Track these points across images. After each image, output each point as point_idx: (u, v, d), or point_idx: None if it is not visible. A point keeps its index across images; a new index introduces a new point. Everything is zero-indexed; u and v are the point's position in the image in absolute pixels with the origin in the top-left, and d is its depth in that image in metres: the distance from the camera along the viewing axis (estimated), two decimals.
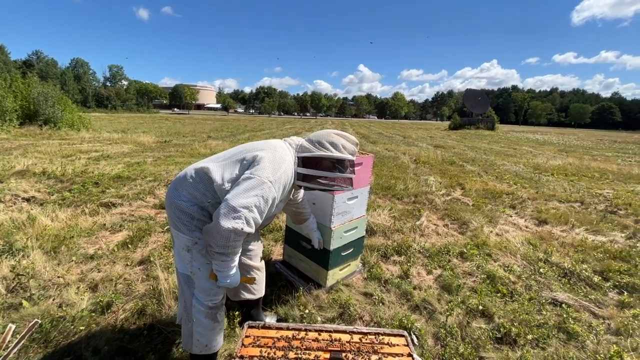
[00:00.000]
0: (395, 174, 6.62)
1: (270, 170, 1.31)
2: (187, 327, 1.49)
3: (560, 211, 4.65)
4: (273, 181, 1.30)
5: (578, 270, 2.85)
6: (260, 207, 1.26)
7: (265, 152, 1.38)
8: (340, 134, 1.51)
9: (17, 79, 14.00)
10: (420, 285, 2.54)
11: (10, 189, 4.35)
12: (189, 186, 1.42)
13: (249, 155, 1.39)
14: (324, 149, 1.45)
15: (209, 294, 1.45)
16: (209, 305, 1.46)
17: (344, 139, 1.49)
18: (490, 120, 33.43)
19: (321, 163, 1.46)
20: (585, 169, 8.83)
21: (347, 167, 1.48)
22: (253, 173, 1.29)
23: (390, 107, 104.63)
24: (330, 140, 1.47)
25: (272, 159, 1.35)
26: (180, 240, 1.44)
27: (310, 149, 1.47)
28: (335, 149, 1.45)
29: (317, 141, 1.48)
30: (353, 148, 1.51)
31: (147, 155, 7.94)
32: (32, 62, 56.56)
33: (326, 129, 1.56)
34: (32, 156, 6.89)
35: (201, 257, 1.42)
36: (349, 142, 1.50)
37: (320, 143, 1.47)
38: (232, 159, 1.42)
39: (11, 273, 2.32)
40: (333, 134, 1.50)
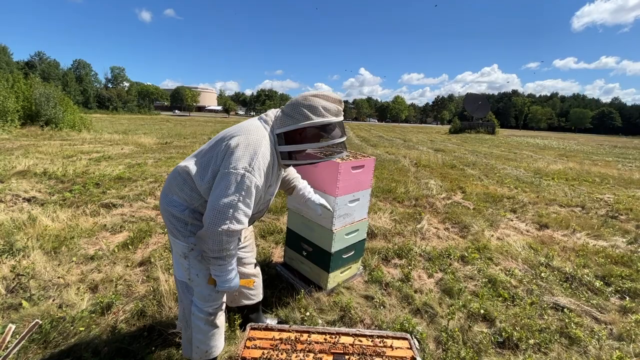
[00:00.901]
0: (396, 177, 6.62)
1: (246, 159, 1.19)
2: (187, 334, 1.47)
3: (561, 215, 4.64)
4: (252, 170, 1.19)
5: (580, 275, 2.84)
6: (246, 201, 1.19)
7: (238, 138, 1.24)
8: (318, 94, 1.28)
9: (19, 80, 14.04)
10: (422, 289, 2.53)
11: (11, 189, 4.35)
12: (177, 189, 1.37)
13: (223, 144, 1.27)
14: (303, 118, 1.24)
15: (207, 300, 1.42)
16: (209, 311, 1.43)
17: (323, 100, 1.26)
18: (490, 124, 33.46)
19: (304, 134, 1.28)
20: (586, 173, 8.83)
21: (334, 130, 1.29)
22: (229, 167, 1.18)
23: (391, 110, 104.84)
24: (308, 104, 1.25)
25: (245, 146, 1.21)
26: (176, 247, 1.41)
27: (287, 122, 1.27)
28: (316, 114, 1.24)
29: (293, 110, 1.27)
30: (336, 107, 1.29)
31: (147, 157, 7.94)
32: (34, 63, 56.78)
33: (302, 94, 1.32)
34: (33, 156, 6.90)
35: (198, 263, 1.38)
36: (330, 102, 1.27)
37: (297, 112, 1.26)
38: (208, 153, 1.32)
39: (11, 273, 2.31)
40: (309, 96, 1.27)
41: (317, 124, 1.24)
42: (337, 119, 1.27)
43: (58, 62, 59.14)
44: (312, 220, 2.32)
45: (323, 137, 1.27)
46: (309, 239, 2.37)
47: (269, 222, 3.76)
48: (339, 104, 1.30)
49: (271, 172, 1.30)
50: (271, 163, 1.28)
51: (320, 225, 2.26)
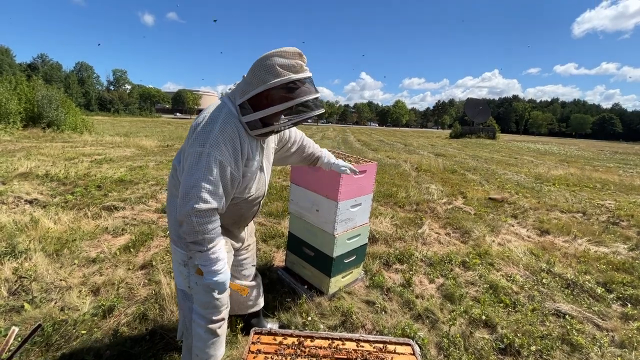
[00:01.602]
0: (396, 182, 6.63)
1: (203, 136, 1.14)
2: (187, 342, 1.46)
3: (563, 221, 4.64)
4: (209, 146, 1.13)
5: (581, 281, 2.84)
6: (208, 178, 1.13)
7: (197, 119, 1.22)
8: (274, 52, 1.17)
9: (22, 82, 14.12)
10: (423, 294, 2.53)
11: (13, 190, 4.36)
12: (173, 189, 1.36)
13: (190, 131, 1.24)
14: (260, 82, 1.15)
15: (207, 308, 1.39)
16: (210, 319, 1.40)
17: (279, 57, 1.16)
18: (491, 129, 33.53)
19: (269, 97, 1.18)
20: (587, 179, 8.83)
21: (300, 87, 1.17)
22: (189, 150, 1.16)
23: (392, 115, 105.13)
24: (263, 65, 1.16)
25: (203, 125, 1.17)
26: (176, 255, 1.40)
27: (246, 90, 1.19)
28: (274, 75, 1.14)
29: (251, 75, 1.19)
30: (295, 62, 1.17)
31: (149, 159, 7.97)
32: (37, 65, 57.17)
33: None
34: (35, 158, 6.92)
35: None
36: (286, 58, 1.16)
37: (254, 77, 1.17)
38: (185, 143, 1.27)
39: (13, 275, 2.32)
40: (264, 57, 1.17)
41: (276, 84, 1.14)
42: (298, 75, 1.16)
43: (60, 65, 59.66)
44: (314, 224, 2.33)
45: (286, 97, 1.16)
46: (311, 243, 2.38)
47: (270, 226, 3.76)
48: (298, 57, 1.18)
49: (240, 144, 1.21)
50: (236, 135, 1.19)
51: (322, 229, 2.27)
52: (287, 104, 1.16)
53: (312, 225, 2.35)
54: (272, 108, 1.16)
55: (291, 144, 1.69)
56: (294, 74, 1.15)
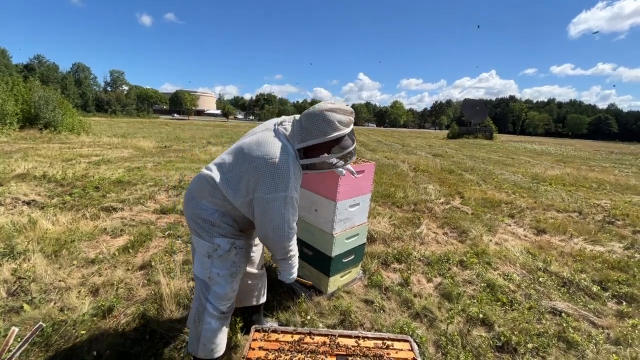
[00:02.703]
0: (394, 182, 6.65)
1: (283, 183, 1.32)
2: (196, 331, 1.50)
3: (559, 221, 4.68)
4: (290, 190, 1.34)
5: (577, 279, 2.87)
6: (293, 213, 1.39)
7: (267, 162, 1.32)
8: (334, 109, 1.36)
9: (18, 83, 14.06)
10: (421, 293, 2.55)
11: (10, 192, 4.35)
12: (207, 195, 1.44)
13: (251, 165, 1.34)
14: (321, 134, 1.34)
15: (223, 299, 1.48)
16: (223, 310, 1.50)
17: (337, 114, 1.35)
18: (488, 129, 33.66)
19: (323, 146, 1.39)
20: (583, 179, 8.90)
21: (349, 140, 1.41)
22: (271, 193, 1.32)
23: (390, 115, 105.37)
24: (325, 119, 1.34)
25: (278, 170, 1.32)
26: (201, 247, 1.47)
27: (306, 138, 1.37)
28: (332, 129, 1.34)
29: (312, 125, 1.36)
30: (348, 118, 1.39)
31: (147, 160, 7.95)
32: (33, 66, 56.82)
33: (317, 106, 1.40)
34: (33, 160, 6.90)
35: (221, 262, 1.45)
36: (343, 115, 1.37)
37: (315, 127, 1.35)
38: (234, 169, 1.39)
39: (12, 276, 2.31)
40: (325, 111, 1.35)
41: (333, 137, 1.34)
42: (348, 129, 1.39)
43: (57, 65, 59.31)
44: (312, 224, 2.35)
45: (337, 147, 1.39)
46: (310, 243, 2.40)
47: None
48: (350, 114, 1.40)
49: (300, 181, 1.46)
50: (299, 176, 1.43)
51: (320, 229, 2.28)
52: (337, 155, 1.40)
53: (311, 225, 2.36)
54: (325, 156, 1.40)
55: None
56: (346, 129, 1.37)
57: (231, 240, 1.45)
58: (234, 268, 1.48)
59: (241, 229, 1.53)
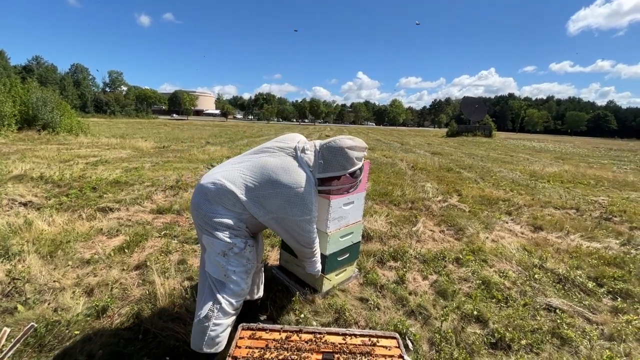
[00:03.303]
0: (392, 180, 6.66)
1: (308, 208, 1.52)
2: (202, 326, 1.49)
3: (556, 218, 4.68)
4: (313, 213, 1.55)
5: (573, 276, 2.87)
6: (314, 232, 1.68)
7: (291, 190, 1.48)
8: (352, 146, 1.57)
9: (16, 84, 14.05)
10: (416, 291, 2.55)
11: (7, 193, 4.34)
12: (228, 204, 1.50)
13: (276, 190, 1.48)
14: (341, 168, 1.56)
15: (239, 295, 1.55)
16: (237, 306, 1.56)
17: (356, 151, 1.58)
18: (487, 127, 33.67)
19: (339, 177, 1.60)
20: (581, 176, 8.90)
21: (359, 171, 1.64)
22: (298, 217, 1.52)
23: (389, 114, 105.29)
24: (345, 155, 1.55)
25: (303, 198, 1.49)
26: (214, 246, 1.50)
27: (327, 170, 1.57)
28: (350, 164, 1.57)
29: (333, 159, 1.57)
30: (364, 154, 1.64)
31: (145, 161, 7.95)
32: (31, 67, 56.78)
33: (337, 139, 1.62)
34: (30, 161, 6.89)
35: (237, 259, 1.51)
36: (360, 152, 1.60)
37: (336, 161, 1.56)
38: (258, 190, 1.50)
39: (7, 277, 2.31)
40: (346, 148, 1.56)
41: (350, 172, 1.58)
42: (361, 163, 1.64)
43: (56, 67, 59.32)
44: None
45: (350, 178, 1.62)
46: None
47: None
48: (365, 150, 1.65)
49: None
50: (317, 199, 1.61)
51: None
52: (349, 184, 1.64)
53: None
54: (338, 185, 1.62)
55: None
56: (360, 163, 1.62)
57: (244, 239, 1.55)
58: (249, 265, 1.57)
59: (252, 231, 1.64)
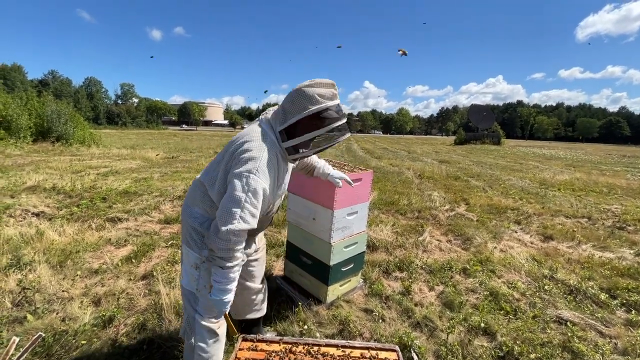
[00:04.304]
0: (399, 189, 6.62)
1: (250, 163, 1.23)
2: (189, 343, 1.50)
3: (567, 227, 4.58)
4: (256, 172, 1.23)
5: (584, 287, 2.79)
6: (252, 202, 1.22)
7: (241, 145, 1.29)
8: (312, 84, 1.30)
9: (32, 98, 14.54)
10: (422, 302, 2.52)
11: (20, 204, 4.46)
12: (199, 201, 1.43)
13: (228, 153, 1.34)
14: (301, 109, 1.27)
15: (212, 311, 1.45)
16: (213, 320, 1.47)
17: (316, 87, 1.29)
18: (496, 135, 33.39)
19: (305, 124, 1.30)
20: (593, 183, 8.72)
21: (332, 113, 1.30)
22: (235, 171, 1.24)
23: (396, 122, 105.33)
24: (303, 94, 1.28)
25: (249, 151, 1.26)
26: (189, 257, 1.46)
27: (287, 118, 1.31)
28: (313, 103, 1.27)
29: (291, 104, 1.30)
30: (331, 91, 1.31)
31: (154, 171, 8.08)
32: (47, 81, 58.78)
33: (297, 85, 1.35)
34: (44, 172, 7.07)
35: (208, 275, 1.42)
36: (323, 88, 1.30)
37: (294, 105, 1.29)
38: (217, 164, 1.38)
39: (17, 287, 2.36)
40: (303, 87, 1.30)
41: (315, 111, 1.26)
42: (332, 102, 1.29)
43: (70, 80, 61.32)
44: (311, 233, 2.35)
45: (323, 122, 1.28)
46: (308, 251, 2.40)
47: (270, 235, 3.79)
48: (332, 87, 1.32)
49: (278, 171, 1.35)
50: (275, 163, 1.32)
51: (319, 238, 2.28)
52: (321, 130, 1.28)
53: (309, 233, 2.36)
54: (308, 134, 1.29)
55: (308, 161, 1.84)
56: (328, 102, 1.27)
57: None
58: None
59: None
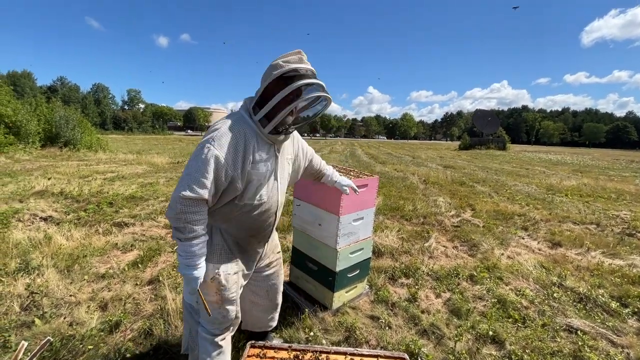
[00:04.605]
0: (404, 195, 6.60)
1: (209, 134, 1.25)
2: (194, 354, 1.49)
3: (575, 233, 4.52)
4: (211, 141, 1.21)
5: (594, 295, 2.75)
6: (201, 170, 1.19)
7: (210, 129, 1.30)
8: (279, 56, 1.29)
9: (41, 104, 14.79)
10: (429, 309, 2.49)
11: (29, 208, 4.51)
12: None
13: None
14: (267, 77, 1.26)
15: (214, 323, 1.45)
16: (215, 332, 1.46)
17: (282, 57, 1.28)
18: (501, 140, 33.19)
19: (272, 90, 1.25)
20: (601, 189, 8.61)
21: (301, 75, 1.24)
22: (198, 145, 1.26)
23: (400, 127, 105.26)
24: (270, 66, 1.28)
25: (214, 125, 1.29)
26: None
27: (256, 93, 1.33)
28: (277, 69, 1.24)
29: (261, 81, 1.31)
30: (296, 57, 1.28)
31: (160, 176, 8.15)
32: (56, 87, 59.75)
33: None
34: (52, 177, 7.16)
35: (209, 288, 1.40)
36: (289, 56, 1.28)
37: (262, 79, 1.29)
38: None
39: (26, 291, 2.38)
40: (272, 63, 1.29)
41: (279, 73, 1.22)
42: (298, 64, 1.25)
43: (78, 86, 62.24)
44: (317, 239, 2.35)
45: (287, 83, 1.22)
46: (314, 257, 2.39)
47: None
48: (299, 54, 1.29)
49: (245, 146, 1.27)
50: (241, 137, 1.26)
51: (324, 244, 2.28)
52: (287, 90, 1.20)
53: (315, 239, 2.36)
54: (275, 98, 1.22)
55: (303, 155, 1.71)
56: (295, 64, 1.23)
57: (216, 265, 1.38)
58: (218, 296, 1.40)
59: (230, 247, 1.43)
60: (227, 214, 1.38)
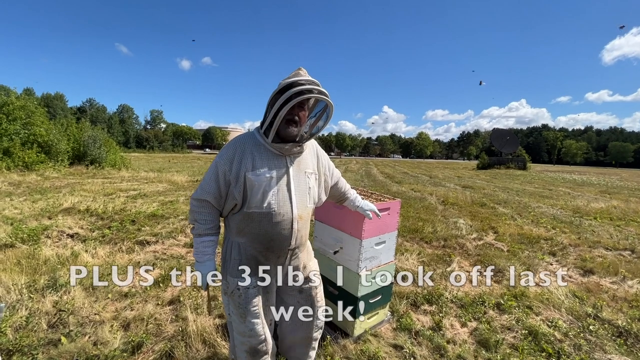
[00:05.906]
0: (422, 216, 6.47)
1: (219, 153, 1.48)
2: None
3: (608, 260, 4.28)
4: (218, 157, 1.45)
5: (635, 329, 2.56)
6: (207, 176, 1.46)
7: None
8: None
9: (72, 124, 15.67)
10: (455, 339, 2.38)
11: (57, 225, 4.69)
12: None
13: None
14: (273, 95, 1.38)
15: (245, 335, 1.51)
16: (249, 345, 1.52)
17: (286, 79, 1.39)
18: (521, 159, 32.41)
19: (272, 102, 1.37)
20: (633, 212, 8.18)
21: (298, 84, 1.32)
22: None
23: (415, 146, 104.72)
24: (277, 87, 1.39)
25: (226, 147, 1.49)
26: (222, 285, 1.58)
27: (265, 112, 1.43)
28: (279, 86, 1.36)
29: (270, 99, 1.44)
30: (294, 72, 1.41)
31: (179, 194, 8.34)
32: (85, 108, 63.36)
33: None
34: (78, 194, 7.46)
35: (232, 300, 1.51)
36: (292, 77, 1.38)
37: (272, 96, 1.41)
38: None
39: (53, 308, 2.44)
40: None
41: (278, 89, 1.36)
42: (294, 78, 1.35)
43: (105, 107, 65.89)
44: (338, 262, 2.32)
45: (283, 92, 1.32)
46: (335, 281, 2.35)
47: None
48: (297, 69, 1.43)
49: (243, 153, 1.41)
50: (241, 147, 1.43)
51: (346, 267, 2.25)
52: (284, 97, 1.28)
53: (336, 263, 2.33)
54: (274, 107, 1.32)
55: (330, 173, 1.75)
56: (291, 79, 1.36)
57: (235, 280, 1.49)
58: (241, 309, 1.48)
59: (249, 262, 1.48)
60: (241, 227, 1.47)
